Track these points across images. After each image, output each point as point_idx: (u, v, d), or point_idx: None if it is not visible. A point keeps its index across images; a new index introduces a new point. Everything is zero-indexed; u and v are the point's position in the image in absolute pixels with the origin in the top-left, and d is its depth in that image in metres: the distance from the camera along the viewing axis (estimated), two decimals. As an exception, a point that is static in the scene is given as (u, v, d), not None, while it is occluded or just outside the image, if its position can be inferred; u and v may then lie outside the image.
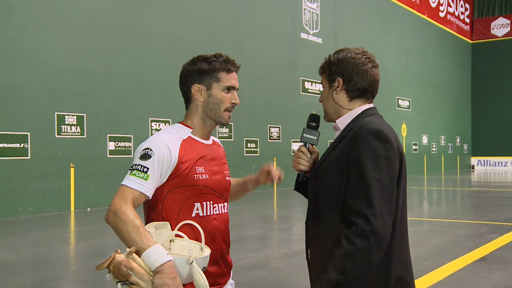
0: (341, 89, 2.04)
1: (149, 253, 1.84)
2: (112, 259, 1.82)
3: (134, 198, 1.97)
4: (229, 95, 2.19)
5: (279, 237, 8.25)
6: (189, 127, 2.20)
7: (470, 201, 14.15)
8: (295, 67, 17.83)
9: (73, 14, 11.15)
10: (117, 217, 1.92)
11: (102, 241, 7.67)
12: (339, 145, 1.97)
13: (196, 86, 2.17)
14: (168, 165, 2.04)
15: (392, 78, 23.76)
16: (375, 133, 1.87)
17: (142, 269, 1.81)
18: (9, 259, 6.45)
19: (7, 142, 10.01)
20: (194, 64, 2.19)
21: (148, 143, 2.07)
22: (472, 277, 5.57)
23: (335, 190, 1.92)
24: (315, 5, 18.97)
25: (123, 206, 1.92)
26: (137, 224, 1.89)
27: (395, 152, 1.89)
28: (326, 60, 2.10)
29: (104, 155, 11.69)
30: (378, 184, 1.82)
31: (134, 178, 1.99)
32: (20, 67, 10.25)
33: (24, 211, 10.26)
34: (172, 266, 1.84)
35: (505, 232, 8.26)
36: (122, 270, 1.80)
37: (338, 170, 1.92)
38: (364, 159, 1.84)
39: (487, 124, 32.78)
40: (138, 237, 1.86)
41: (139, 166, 2.01)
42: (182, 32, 13.62)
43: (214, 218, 2.15)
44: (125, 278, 1.80)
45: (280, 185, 16.77)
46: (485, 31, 33.35)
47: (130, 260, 1.81)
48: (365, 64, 2.03)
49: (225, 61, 2.18)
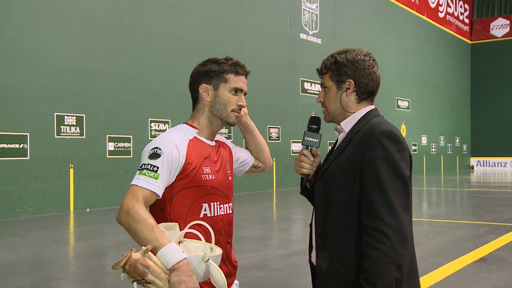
0: (352, 91, 2.03)
1: (165, 251, 1.84)
2: (129, 258, 1.81)
3: (146, 197, 1.97)
4: (236, 97, 2.20)
5: (279, 238, 8.25)
6: (195, 127, 2.21)
7: (470, 202, 14.16)
8: (295, 67, 17.83)
9: (72, 14, 11.14)
10: (130, 216, 1.91)
11: (102, 241, 7.66)
12: (348, 148, 1.96)
13: (204, 86, 2.19)
14: (176, 164, 2.04)
15: (392, 79, 23.77)
16: (388, 134, 1.88)
17: (158, 267, 1.81)
18: (9, 260, 6.45)
19: (6, 143, 10.01)
20: (204, 65, 2.22)
21: (157, 142, 2.07)
22: (471, 278, 5.58)
23: (347, 192, 1.92)
24: (314, 5, 18.97)
25: (136, 206, 1.92)
26: (151, 222, 1.89)
27: (407, 152, 1.91)
28: (330, 59, 2.06)
29: (103, 155, 11.69)
30: (394, 185, 1.83)
31: (144, 178, 1.98)
32: (19, 68, 10.25)
33: (24, 211, 10.26)
34: (188, 264, 1.85)
35: (504, 233, 8.26)
36: (139, 268, 1.79)
37: (349, 172, 1.92)
38: (379, 161, 1.85)
39: (486, 124, 32.79)
40: (153, 236, 1.86)
41: (149, 165, 2.00)
42: (181, 32, 13.62)
43: (221, 219, 2.16)
44: (142, 276, 1.80)
45: (280, 186, 16.79)
46: (485, 32, 33.36)
47: (146, 259, 1.81)
48: (373, 66, 2.03)
49: (235, 64, 2.20)
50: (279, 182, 16.74)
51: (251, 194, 15.24)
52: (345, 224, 1.90)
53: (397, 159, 1.85)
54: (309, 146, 2.14)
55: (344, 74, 2.02)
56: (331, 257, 1.95)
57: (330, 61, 2.06)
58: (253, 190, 15.76)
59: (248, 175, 15.62)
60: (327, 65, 2.07)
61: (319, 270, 2.00)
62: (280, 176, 16.73)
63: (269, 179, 16.46)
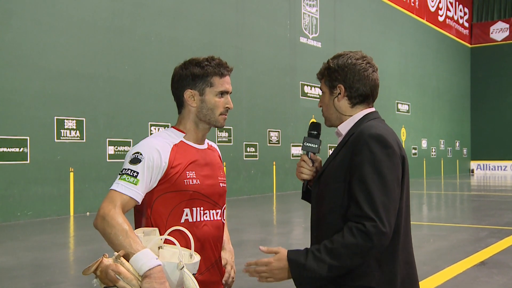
0: (343, 96, 2.03)
1: (137, 258, 1.80)
2: (100, 263, 1.78)
3: (123, 202, 1.93)
4: (223, 99, 2.14)
5: (279, 242, 8.24)
6: (182, 131, 2.16)
7: (470, 205, 14.14)
8: (295, 71, 17.84)
9: (72, 18, 11.16)
10: (105, 221, 1.87)
11: (101, 245, 7.65)
12: (341, 151, 1.97)
13: (189, 92, 2.12)
14: (158, 169, 2.00)
15: (391, 82, 23.78)
16: (375, 138, 1.87)
17: (130, 273, 1.77)
18: (8, 264, 6.43)
19: (6, 147, 10.00)
20: (186, 69, 2.13)
21: (138, 147, 2.03)
22: (472, 282, 5.57)
23: (339, 196, 1.92)
24: (314, 9, 19.00)
25: (112, 211, 1.88)
26: (126, 228, 1.85)
27: (397, 156, 1.89)
28: (325, 65, 2.07)
29: (103, 159, 11.69)
30: (379, 189, 1.82)
31: (123, 183, 1.95)
32: (19, 71, 10.26)
33: (23, 215, 10.25)
34: (161, 271, 1.80)
35: (504, 236, 8.25)
36: (110, 274, 1.76)
37: (341, 176, 1.92)
38: (365, 164, 1.84)
39: (486, 128, 32.79)
40: (127, 242, 1.83)
41: (129, 171, 1.97)
42: (181, 36, 13.63)
43: (205, 225, 2.10)
44: (113, 283, 1.76)
45: (280, 190, 16.79)
46: (484, 35, 33.40)
47: (118, 265, 1.77)
48: (366, 69, 2.02)
49: (218, 65, 2.13)
50: (279, 186, 16.73)
51: (251, 197, 15.23)
52: (338, 228, 1.90)
53: (383, 162, 1.84)
54: (308, 151, 2.14)
55: (335, 80, 2.03)
56: None
57: (324, 67, 2.08)
58: (253, 193, 15.75)
59: (248, 178, 15.62)
60: (321, 71, 2.09)
61: None
62: (280, 180, 16.72)
63: (269, 182, 16.46)
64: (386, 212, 1.81)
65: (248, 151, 15.70)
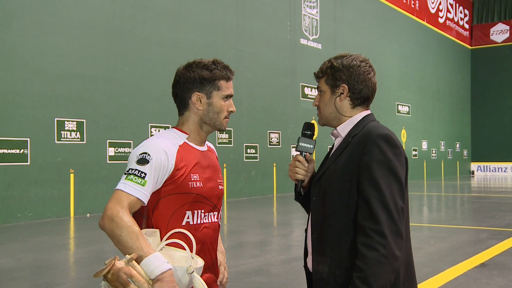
0: (345, 96, 2.03)
1: (149, 261, 1.79)
2: (112, 266, 1.76)
3: (131, 204, 1.90)
4: (227, 103, 2.15)
5: (279, 243, 8.24)
6: (185, 132, 2.15)
7: (470, 207, 14.14)
8: (295, 72, 17.85)
9: (73, 20, 11.17)
10: (114, 222, 1.84)
11: (102, 247, 7.65)
12: (345, 151, 1.97)
13: (197, 95, 2.11)
14: (164, 171, 1.98)
15: (392, 84, 23.79)
16: (384, 138, 1.89)
17: (142, 277, 1.76)
18: (9, 265, 6.44)
19: (6, 148, 10.01)
20: (193, 71, 2.12)
21: (145, 147, 2.00)
22: (472, 283, 5.56)
23: (344, 196, 1.92)
24: (314, 11, 19.02)
25: (120, 212, 1.85)
26: (136, 230, 1.83)
27: (403, 157, 1.92)
28: (327, 64, 2.07)
29: (104, 160, 11.69)
30: (391, 188, 1.83)
31: (131, 183, 1.92)
32: (20, 73, 10.27)
33: (24, 217, 10.25)
34: (172, 275, 1.80)
35: (505, 238, 8.25)
36: (122, 277, 1.74)
37: (347, 176, 1.92)
38: (375, 164, 1.85)
39: (486, 129, 32.78)
40: (137, 244, 1.81)
41: (136, 171, 1.94)
42: (182, 38, 13.64)
43: (204, 227, 2.10)
44: (124, 286, 1.74)
45: (280, 191, 16.78)
46: (485, 37, 33.41)
47: (130, 268, 1.76)
48: (369, 72, 2.04)
49: (224, 69, 2.13)
50: (279, 187, 16.73)
51: (251, 199, 15.23)
52: (342, 229, 1.90)
53: (393, 162, 1.86)
54: (303, 152, 2.13)
55: (338, 79, 2.03)
56: (329, 261, 1.94)
57: (326, 65, 2.07)
58: (253, 195, 15.75)
59: (249, 180, 15.61)
60: (323, 69, 2.08)
61: (316, 275, 1.99)
62: (280, 181, 16.71)
63: (269, 184, 16.45)
64: (397, 212, 1.82)
65: (248, 153, 15.70)
